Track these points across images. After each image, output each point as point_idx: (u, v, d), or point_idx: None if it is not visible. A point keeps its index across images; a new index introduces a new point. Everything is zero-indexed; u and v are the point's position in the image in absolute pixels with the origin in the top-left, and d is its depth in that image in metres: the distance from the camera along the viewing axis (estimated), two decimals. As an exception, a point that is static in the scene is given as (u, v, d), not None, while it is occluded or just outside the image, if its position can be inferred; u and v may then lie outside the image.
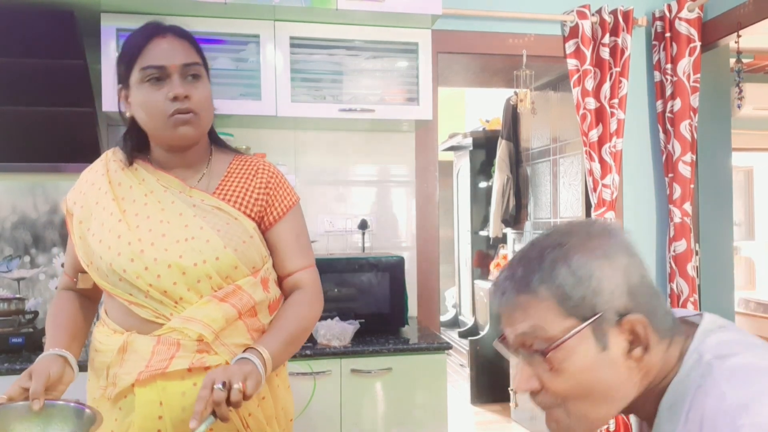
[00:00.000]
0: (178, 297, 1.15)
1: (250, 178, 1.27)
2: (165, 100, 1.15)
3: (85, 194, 1.25)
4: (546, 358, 0.79)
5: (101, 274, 1.19)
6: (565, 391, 0.80)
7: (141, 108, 1.17)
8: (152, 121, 1.17)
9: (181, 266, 1.15)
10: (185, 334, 1.14)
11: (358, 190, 2.70)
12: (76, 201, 1.27)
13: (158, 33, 1.19)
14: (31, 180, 2.44)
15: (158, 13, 2.19)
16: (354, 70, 2.40)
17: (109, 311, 1.23)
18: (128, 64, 1.18)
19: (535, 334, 0.80)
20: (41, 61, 2.14)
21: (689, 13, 2.66)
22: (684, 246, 2.70)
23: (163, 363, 1.13)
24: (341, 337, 2.13)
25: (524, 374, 0.83)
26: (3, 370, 1.86)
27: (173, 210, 1.19)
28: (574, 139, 3.13)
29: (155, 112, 1.16)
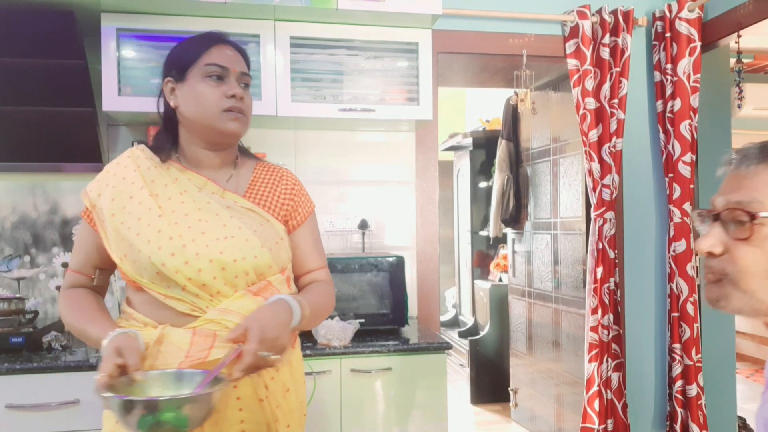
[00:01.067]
0: (216, 291, 1.21)
1: (276, 184, 1.37)
2: (222, 96, 1.26)
3: (116, 188, 1.25)
4: (752, 224, 0.80)
5: (137, 268, 1.21)
6: (750, 265, 0.81)
7: (196, 99, 1.25)
8: (205, 112, 1.25)
9: (221, 262, 1.21)
10: (223, 325, 1.20)
11: (358, 190, 2.70)
12: (101, 193, 1.26)
13: (222, 40, 1.31)
14: (31, 180, 2.44)
15: (158, 13, 2.20)
16: (354, 70, 2.40)
17: (137, 305, 1.26)
18: (190, 59, 1.27)
19: (749, 207, 0.81)
20: (41, 61, 2.14)
21: (689, 13, 2.67)
22: (684, 246, 2.70)
23: (202, 353, 1.18)
24: (341, 337, 2.13)
25: (713, 237, 0.84)
26: (3, 370, 1.86)
27: (209, 210, 1.25)
28: (574, 139, 3.13)
29: (211, 104, 1.25)
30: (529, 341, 3.68)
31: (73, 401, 1.89)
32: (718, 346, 2.88)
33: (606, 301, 2.69)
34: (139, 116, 2.29)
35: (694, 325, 2.69)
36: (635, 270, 2.87)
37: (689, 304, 2.68)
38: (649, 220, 2.89)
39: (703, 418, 2.68)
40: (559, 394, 3.30)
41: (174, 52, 1.32)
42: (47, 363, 1.90)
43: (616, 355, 2.71)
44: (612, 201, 2.70)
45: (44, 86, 2.17)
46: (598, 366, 2.68)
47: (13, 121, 2.18)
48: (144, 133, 2.42)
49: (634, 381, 2.84)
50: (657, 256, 2.88)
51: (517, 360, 3.86)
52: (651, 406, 2.87)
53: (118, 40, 2.18)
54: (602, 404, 2.68)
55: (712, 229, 0.85)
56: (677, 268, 2.71)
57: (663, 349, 2.86)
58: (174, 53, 1.32)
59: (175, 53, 1.31)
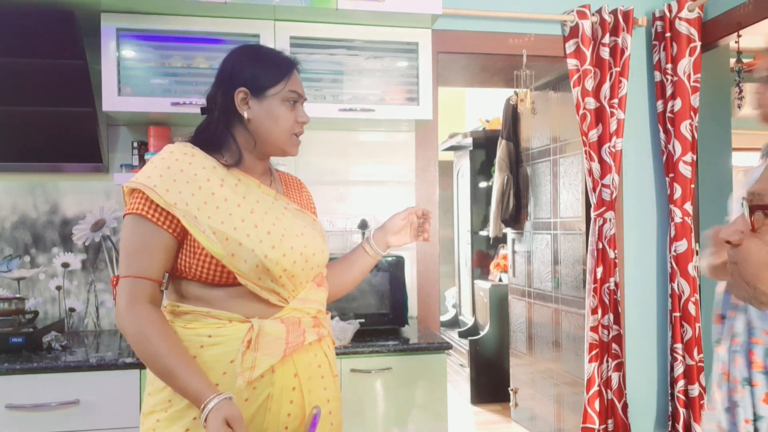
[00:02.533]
0: (299, 282, 1.32)
1: (299, 189, 1.49)
2: (294, 121, 1.35)
3: (190, 184, 1.24)
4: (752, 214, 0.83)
5: (236, 261, 1.23)
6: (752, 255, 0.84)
7: (272, 119, 1.33)
8: (277, 131, 1.34)
9: (306, 255, 1.32)
10: (305, 312, 1.32)
11: (358, 190, 2.70)
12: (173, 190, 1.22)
13: (297, 66, 1.40)
14: (31, 180, 2.44)
15: (158, 13, 2.20)
16: (354, 70, 2.40)
17: (214, 302, 1.26)
18: (274, 80, 1.33)
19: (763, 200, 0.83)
20: (41, 61, 2.14)
21: (689, 13, 2.66)
22: (685, 246, 2.70)
23: (299, 339, 1.27)
24: (341, 337, 2.13)
25: (733, 227, 0.87)
26: (3, 370, 1.86)
27: (276, 209, 1.33)
28: (574, 139, 3.13)
29: (284, 127, 1.34)
30: (529, 341, 3.68)
31: (73, 401, 1.89)
32: (718, 346, 2.88)
33: (606, 301, 2.69)
34: (139, 116, 2.29)
35: (696, 325, 2.68)
36: (635, 270, 2.87)
37: (691, 304, 2.68)
38: (649, 220, 2.89)
39: (704, 418, 2.68)
40: (559, 394, 3.30)
41: (250, 66, 1.34)
42: (47, 363, 1.90)
43: (616, 355, 2.71)
44: (612, 201, 2.70)
45: (44, 86, 2.17)
46: (598, 366, 2.68)
47: (13, 121, 2.18)
48: (144, 133, 2.42)
49: (635, 381, 2.84)
50: (657, 256, 2.88)
51: (517, 360, 3.86)
52: (652, 406, 2.87)
53: (118, 40, 2.18)
54: (602, 404, 2.68)
55: (738, 218, 0.86)
56: (678, 268, 2.71)
57: (664, 349, 2.86)
58: (251, 68, 1.34)
59: (254, 69, 1.34)
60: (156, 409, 1.24)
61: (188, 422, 1.22)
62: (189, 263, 1.24)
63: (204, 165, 1.28)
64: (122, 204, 2.48)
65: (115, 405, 1.92)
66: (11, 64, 2.12)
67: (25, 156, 2.27)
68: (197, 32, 2.25)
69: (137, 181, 1.24)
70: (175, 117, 2.30)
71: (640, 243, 2.88)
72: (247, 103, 1.32)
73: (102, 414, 1.91)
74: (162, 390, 1.23)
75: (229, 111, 1.33)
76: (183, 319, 1.26)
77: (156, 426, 1.24)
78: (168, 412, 1.23)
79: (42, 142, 2.24)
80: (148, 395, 1.28)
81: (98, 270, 2.47)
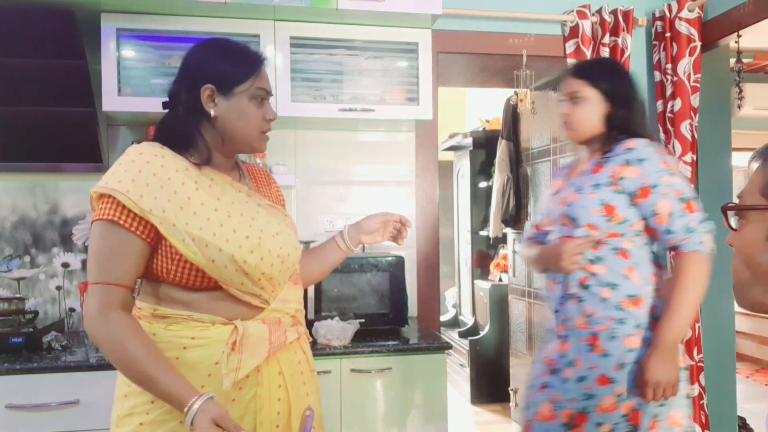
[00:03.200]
0: (277, 283, 1.31)
1: (268, 184, 1.48)
2: (262, 118, 1.33)
3: (165, 188, 1.20)
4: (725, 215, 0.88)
5: (215, 267, 1.21)
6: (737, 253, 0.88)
7: (240, 116, 1.30)
8: (246, 129, 1.31)
9: (282, 256, 1.31)
10: (284, 312, 1.33)
11: (358, 190, 2.70)
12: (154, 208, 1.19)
13: (263, 62, 1.36)
14: (31, 180, 2.44)
15: (158, 13, 2.20)
16: (354, 70, 2.40)
17: (196, 306, 1.25)
18: (241, 78, 1.29)
19: (741, 200, 0.88)
20: (41, 61, 2.14)
21: (689, 13, 2.66)
22: (684, 246, 2.70)
23: (281, 338, 1.29)
24: (341, 337, 2.13)
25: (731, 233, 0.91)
26: (3, 370, 1.86)
27: (250, 208, 1.31)
28: (574, 139, 3.13)
29: (254, 125, 1.32)
30: (529, 341, 3.68)
31: (73, 401, 1.89)
32: (718, 346, 2.88)
33: (606, 301, 2.69)
34: (139, 116, 2.29)
35: (695, 326, 2.68)
36: (635, 270, 2.86)
37: (689, 304, 2.68)
38: (649, 220, 2.89)
39: (705, 417, 2.67)
40: (559, 394, 3.30)
41: (216, 62, 1.30)
42: (47, 363, 1.90)
43: (616, 355, 2.71)
44: (612, 201, 2.69)
45: (44, 86, 2.17)
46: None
47: (13, 121, 2.18)
48: (144, 133, 2.42)
49: (634, 381, 2.84)
50: (657, 256, 2.88)
51: (517, 360, 3.86)
52: (651, 406, 2.87)
53: (118, 40, 2.18)
54: (602, 404, 2.68)
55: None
56: (677, 268, 2.71)
57: (663, 349, 2.85)
58: (217, 64, 1.30)
59: (221, 65, 1.30)
60: (136, 411, 1.22)
61: (175, 425, 1.20)
62: (167, 269, 1.22)
63: (176, 167, 1.23)
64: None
65: (115, 405, 1.92)
66: (11, 64, 2.12)
67: (25, 156, 2.27)
68: (197, 32, 2.25)
69: (107, 186, 1.19)
70: (175, 117, 2.30)
71: (640, 243, 2.87)
72: (213, 101, 1.28)
73: (102, 414, 1.90)
74: (143, 392, 1.20)
75: (194, 108, 1.29)
76: (163, 321, 1.24)
77: (139, 430, 1.21)
78: (151, 414, 1.21)
79: (42, 142, 2.24)
80: (124, 397, 1.24)
81: (98, 270, 2.47)
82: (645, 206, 1.63)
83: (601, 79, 1.75)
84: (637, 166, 1.63)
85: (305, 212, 2.65)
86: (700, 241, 1.59)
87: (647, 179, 1.62)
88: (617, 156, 1.67)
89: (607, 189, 1.65)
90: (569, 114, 1.77)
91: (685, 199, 1.61)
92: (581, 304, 1.67)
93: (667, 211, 1.60)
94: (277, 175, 2.45)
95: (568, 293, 1.70)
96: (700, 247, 1.60)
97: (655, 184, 1.61)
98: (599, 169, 1.70)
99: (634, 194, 1.63)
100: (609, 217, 1.65)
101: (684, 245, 1.60)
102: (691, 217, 1.60)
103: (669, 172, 1.63)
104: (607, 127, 1.74)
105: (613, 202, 1.65)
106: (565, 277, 1.70)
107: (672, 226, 1.60)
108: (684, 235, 1.60)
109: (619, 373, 1.62)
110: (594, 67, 1.84)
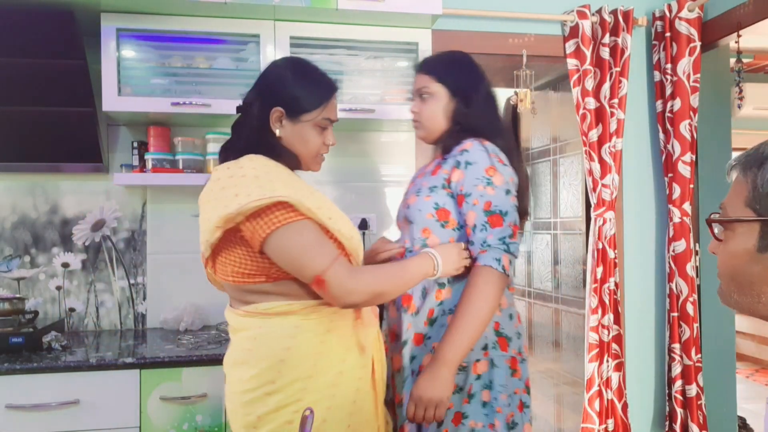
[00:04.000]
0: None
1: None
2: (322, 144, 1.48)
3: (311, 199, 1.36)
4: (710, 227, 0.89)
5: (354, 245, 1.42)
6: (720, 265, 0.90)
7: (302, 141, 1.44)
8: (306, 152, 1.46)
9: None
10: None
11: (358, 190, 2.70)
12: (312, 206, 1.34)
13: (335, 92, 1.48)
14: (31, 180, 2.44)
15: (158, 13, 2.20)
16: (354, 70, 2.40)
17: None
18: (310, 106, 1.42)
19: (725, 211, 0.88)
20: (41, 61, 2.14)
21: (689, 13, 2.66)
22: (683, 246, 2.70)
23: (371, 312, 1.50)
24: (341, 337, 2.13)
25: (713, 242, 0.92)
26: (3, 370, 1.86)
27: None
28: (574, 139, 3.13)
29: (313, 149, 1.47)
30: (529, 341, 3.68)
31: (73, 401, 1.89)
32: (717, 346, 2.88)
33: (606, 300, 2.69)
34: (139, 116, 2.29)
35: (694, 325, 2.69)
36: (635, 270, 2.87)
37: (689, 304, 2.68)
38: (648, 220, 2.89)
39: (703, 418, 2.68)
40: (559, 394, 3.30)
41: (291, 86, 1.41)
42: (47, 363, 1.90)
43: (617, 355, 2.71)
44: (612, 201, 2.70)
45: (44, 86, 2.17)
46: (598, 366, 2.68)
47: (13, 121, 2.18)
48: (144, 133, 2.42)
49: (634, 381, 2.84)
50: (657, 255, 2.88)
51: (517, 360, 3.86)
52: (651, 405, 2.88)
53: (118, 40, 2.18)
54: (602, 404, 2.68)
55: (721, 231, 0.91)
56: (677, 268, 2.71)
57: (663, 349, 2.86)
58: (292, 88, 1.41)
59: (295, 90, 1.41)
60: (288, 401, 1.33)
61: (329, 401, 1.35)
62: None
63: (289, 173, 1.41)
64: (123, 204, 2.48)
65: (115, 405, 1.92)
66: (11, 64, 2.12)
67: (25, 156, 2.27)
68: (197, 32, 2.25)
69: (275, 195, 1.28)
70: (175, 117, 2.30)
71: (640, 243, 2.88)
72: (280, 122, 1.40)
73: (102, 414, 1.91)
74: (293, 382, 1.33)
75: (263, 122, 1.41)
76: (299, 315, 1.36)
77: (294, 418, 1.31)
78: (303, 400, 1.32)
79: (42, 142, 2.24)
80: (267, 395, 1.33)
81: (98, 270, 2.47)
82: (461, 214, 1.56)
83: (448, 74, 1.65)
84: (463, 170, 1.55)
85: (305, 212, 2.64)
86: (495, 258, 1.50)
87: (464, 186, 1.54)
88: (452, 157, 1.59)
89: (443, 192, 1.58)
90: (417, 112, 1.68)
91: (493, 212, 1.53)
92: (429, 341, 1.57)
93: (472, 222, 1.53)
94: (277, 175, 2.46)
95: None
96: (492, 263, 1.49)
97: (469, 193, 1.53)
98: (438, 171, 1.62)
99: (456, 200, 1.57)
100: (443, 221, 1.58)
101: (479, 258, 1.51)
102: (492, 232, 1.52)
103: (487, 181, 1.53)
104: (454, 123, 1.64)
105: (447, 206, 1.58)
106: None
107: (473, 237, 1.53)
108: (480, 248, 1.52)
109: (469, 406, 1.50)
110: (441, 62, 1.71)
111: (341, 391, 1.36)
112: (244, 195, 1.27)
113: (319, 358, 1.35)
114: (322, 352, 1.35)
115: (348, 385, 1.38)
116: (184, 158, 2.36)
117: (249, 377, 1.34)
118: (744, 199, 0.84)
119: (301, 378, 1.33)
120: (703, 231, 2.86)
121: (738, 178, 0.87)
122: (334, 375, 1.36)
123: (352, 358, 1.40)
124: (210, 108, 2.21)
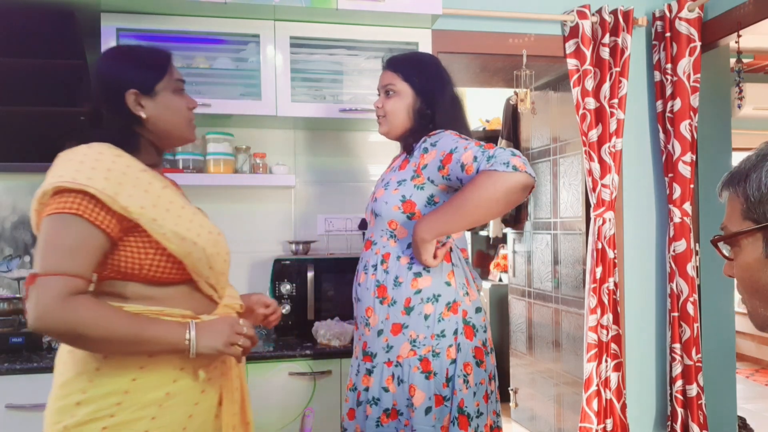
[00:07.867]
0: (225, 279, 1.40)
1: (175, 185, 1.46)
2: (186, 108, 1.40)
3: (137, 187, 1.24)
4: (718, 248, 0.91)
5: (193, 258, 1.29)
6: (739, 282, 0.90)
7: (169, 111, 1.36)
8: (177, 120, 1.38)
9: (228, 254, 1.41)
10: (232, 308, 1.40)
11: (358, 190, 2.70)
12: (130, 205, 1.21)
13: (171, 56, 1.42)
14: (31, 180, 2.44)
15: (158, 13, 2.20)
16: (354, 70, 2.40)
17: (165, 301, 1.28)
18: (158, 75, 1.35)
19: (726, 230, 0.90)
20: (41, 61, 2.14)
21: (689, 13, 2.66)
22: (684, 246, 2.70)
23: None
24: (341, 337, 2.13)
25: (726, 263, 0.93)
26: (3, 370, 1.87)
27: (192, 208, 1.36)
28: (574, 139, 3.13)
29: (181, 115, 1.38)
30: (529, 341, 3.68)
31: (73, 401, 1.89)
32: (718, 346, 2.88)
33: (605, 300, 2.69)
34: (139, 116, 2.29)
35: (694, 325, 2.69)
36: (635, 270, 2.87)
37: (689, 304, 2.68)
38: (648, 220, 2.89)
39: (703, 417, 2.68)
40: (559, 394, 3.30)
41: (131, 68, 1.34)
42: (47, 363, 1.90)
43: (616, 355, 2.71)
44: (612, 201, 2.70)
45: (44, 86, 2.17)
46: (596, 366, 2.68)
47: (13, 121, 2.18)
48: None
49: (634, 381, 2.84)
50: (657, 255, 2.88)
51: (517, 360, 3.86)
52: (651, 405, 2.88)
53: (118, 40, 2.18)
54: (600, 404, 2.68)
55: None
56: (677, 268, 2.71)
57: (663, 349, 2.86)
58: (133, 69, 1.34)
59: (136, 70, 1.34)
60: (97, 416, 1.20)
61: (147, 423, 1.22)
62: (139, 264, 1.24)
63: (138, 168, 1.28)
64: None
65: (115, 405, 1.91)
66: (11, 64, 2.12)
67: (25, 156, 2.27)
68: (197, 32, 2.25)
69: (77, 182, 1.17)
70: (175, 117, 2.30)
71: (640, 243, 2.88)
72: (140, 104, 1.32)
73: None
74: (107, 395, 1.20)
75: (123, 115, 1.32)
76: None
77: None
78: (118, 416, 1.20)
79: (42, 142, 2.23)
80: (76, 405, 1.20)
81: (98, 270, 2.47)
82: (453, 170, 1.53)
83: (414, 73, 1.70)
84: (433, 148, 1.59)
85: (305, 212, 2.64)
86: (504, 162, 1.45)
87: (445, 149, 1.55)
88: (418, 148, 1.63)
89: (410, 184, 1.62)
90: (381, 107, 1.74)
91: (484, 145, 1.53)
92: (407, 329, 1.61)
93: (471, 158, 1.50)
94: (277, 175, 2.46)
95: None
96: (499, 168, 1.45)
97: (454, 148, 1.54)
98: (406, 165, 1.66)
99: (442, 168, 1.55)
100: (409, 213, 1.61)
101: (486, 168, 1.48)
102: (492, 150, 1.50)
103: (464, 139, 1.57)
104: (417, 122, 1.69)
105: (414, 197, 1.61)
106: None
107: (478, 164, 1.49)
108: (487, 163, 1.47)
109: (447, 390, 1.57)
110: (409, 62, 1.77)
111: (167, 414, 1.24)
112: (57, 175, 1.19)
113: (140, 373, 1.22)
114: (144, 366, 1.23)
115: (177, 409, 1.25)
116: (183, 158, 2.36)
117: (61, 383, 1.24)
118: (741, 213, 0.87)
119: (116, 392, 1.20)
120: (704, 231, 2.86)
121: (730, 196, 0.90)
122: (160, 396, 1.24)
123: (185, 381, 1.27)
124: (210, 108, 2.21)
